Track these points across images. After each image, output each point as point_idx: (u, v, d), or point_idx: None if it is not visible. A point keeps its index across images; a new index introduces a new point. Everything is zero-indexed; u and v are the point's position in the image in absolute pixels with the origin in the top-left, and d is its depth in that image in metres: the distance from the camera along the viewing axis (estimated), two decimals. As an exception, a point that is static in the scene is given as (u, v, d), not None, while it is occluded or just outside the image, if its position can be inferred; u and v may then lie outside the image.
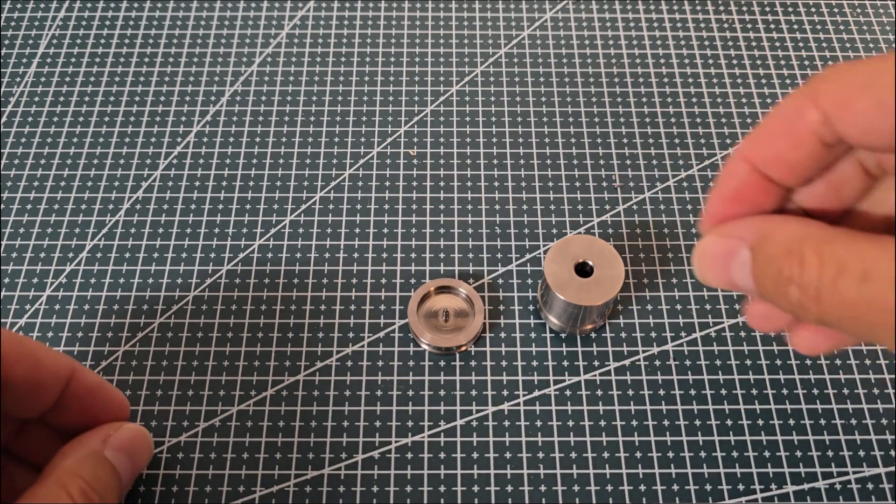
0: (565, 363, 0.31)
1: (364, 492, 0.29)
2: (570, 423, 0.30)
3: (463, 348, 0.31)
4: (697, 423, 0.30)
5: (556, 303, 0.30)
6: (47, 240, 0.34)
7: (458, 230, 0.35)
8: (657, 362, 0.31)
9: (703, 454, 0.29)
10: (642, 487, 0.29)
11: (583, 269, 0.30)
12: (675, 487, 0.29)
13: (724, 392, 0.31)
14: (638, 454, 0.29)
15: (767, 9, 0.43)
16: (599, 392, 0.31)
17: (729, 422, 0.30)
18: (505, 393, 0.31)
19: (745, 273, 0.19)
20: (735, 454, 0.29)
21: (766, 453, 0.29)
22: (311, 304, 0.33)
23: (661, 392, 0.31)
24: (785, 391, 0.31)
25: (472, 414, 0.30)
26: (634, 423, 0.30)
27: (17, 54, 0.40)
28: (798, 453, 0.29)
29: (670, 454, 0.29)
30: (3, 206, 0.35)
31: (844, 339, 0.21)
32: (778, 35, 0.42)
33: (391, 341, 0.32)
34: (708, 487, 0.29)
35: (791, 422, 0.30)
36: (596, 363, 0.31)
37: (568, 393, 0.31)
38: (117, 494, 0.25)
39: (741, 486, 0.29)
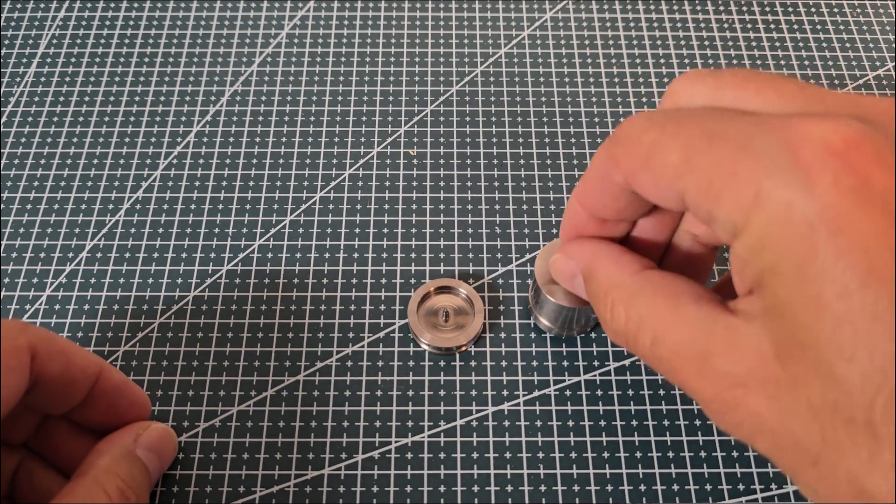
0: (565, 363, 0.31)
1: (364, 492, 0.29)
2: (570, 423, 0.30)
3: (463, 348, 0.31)
4: (697, 423, 0.30)
5: (546, 305, 0.30)
6: (47, 240, 0.34)
7: (458, 230, 0.35)
8: (657, 362, 0.31)
9: (703, 454, 0.29)
10: (642, 487, 0.29)
11: None
12: (675, 487, 0.29)
13: (724, 392, 0.30)
14: (638, 454, 0.29)
15: (767, 9, 0.43)
16: (599, 392, 0.31)
17: (729, 422, 0.30)
18: (505, 393, 0.31)
19: (583, 292, 0.23)
20: (735, 454, 0.29)
21: (766, 453, 0.29)
22: (311, 304, 0.33)
23: (662, 392, 0.31)
24: (785, 391, 0.31)
25: (472, 414, 0.30)
26: (634, 423, 0.30)
27: (17, 54, 0.40)
28: (798, 453, 0.29)
29: (670, 454, 0.29)
30: (3, 206, 0.35)
31: None
32: (778, 35, 0.42)
33: (391, 341, 0.32)
34: (708, 487, 0.29)
35: (791, 422, 0.30)
36: (596, 363, 0.31)
37: (568, 393, 0.31)
38: (148, 493, 0.25)
39: (741, 486, 0.29)
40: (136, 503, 0.24)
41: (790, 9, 0.43)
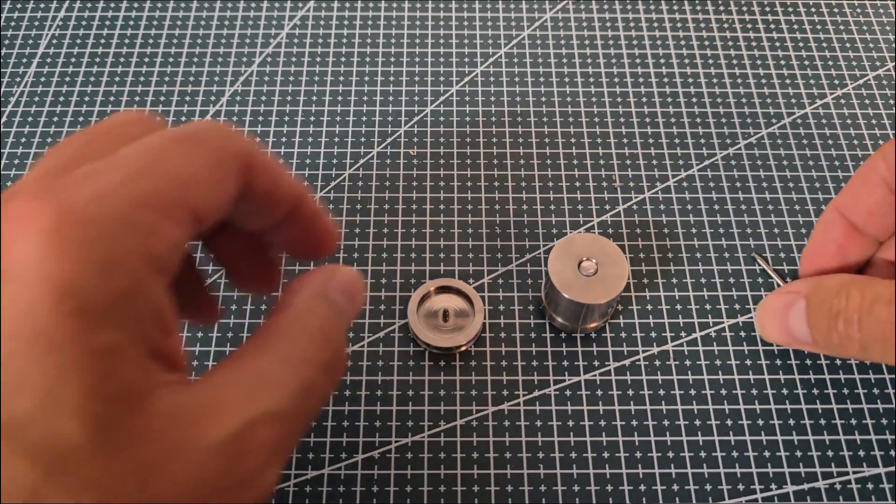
0: (565, 363, 0.31)
1: (364, 492, 0.29)
2: (570, 423, 0.30)
3: (463, 348, 0.31)
4: (697, 423, 0.30)
5: (560, 301, 0.30)
6: (47, 240, 0.34)
7: (458, 230, 0.35)
8: (657, 362, 0.31)
9: (703, 454, 0.29)
10: (642, 487, 0.29)
11: (587, 268, 0.30)
12: (675, 487, 0.29)
13: (724, 392, 0.31)
14: (638, 454, 0.29)
15: (767, 9, 0.43)
16: (599, 392, 0.31)
17: (729, 422, 0.30)
18: (505, 393, 0.31)
19: (800, 320, 0.24)
20: (735, 454, 0.29)
21: (766, 453, 0.29)
22: (311, 304, 0.33)
23: (661, 392, 0.31)
24: (785, 391, 0.31)
25: (472, 414, 0.30)
26: (634, 423, 0.30)
27: (17, 54, 0.40)
28: (798, 453, 0.29)
29: (670, 454, 0.29)
30: (3, 206, 0.35)
31: None
32: (778, 35, 0.42)
33: (391, 341, 0.32)
34: (708, 487, 0.29)
35: (791, 422, 0.30)
36: (596, 363, 0.31)
37: (568, 393, 0.31)
38: (344, 335, 0.25)
39: (741, 486, 0.29)
40: (335, 343, 0.23)
41: (790, 9, 0.43)
